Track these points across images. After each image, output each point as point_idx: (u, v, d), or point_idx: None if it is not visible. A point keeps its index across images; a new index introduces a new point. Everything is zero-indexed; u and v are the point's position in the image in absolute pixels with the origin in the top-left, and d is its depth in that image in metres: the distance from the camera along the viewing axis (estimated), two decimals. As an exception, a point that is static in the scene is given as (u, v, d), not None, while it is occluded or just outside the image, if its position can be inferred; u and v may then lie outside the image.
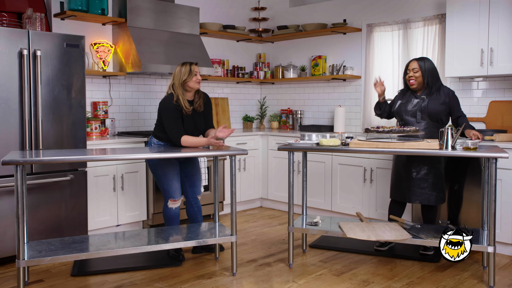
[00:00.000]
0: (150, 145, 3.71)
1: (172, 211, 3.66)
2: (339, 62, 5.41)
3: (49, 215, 3.73)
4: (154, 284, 3.23)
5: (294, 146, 3.52)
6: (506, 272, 3.47)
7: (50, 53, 3.70)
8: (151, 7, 4.76)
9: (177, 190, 3.65)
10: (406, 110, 3.73)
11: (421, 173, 3.61)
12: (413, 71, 3.70)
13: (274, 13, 6.11)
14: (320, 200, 4.98)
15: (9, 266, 3.57)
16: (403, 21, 4.83)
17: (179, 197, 3.67)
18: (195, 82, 3.56)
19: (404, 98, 3.80)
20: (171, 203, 3.65)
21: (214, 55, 5.68)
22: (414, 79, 3.70)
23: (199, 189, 3.87)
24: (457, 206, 3.96)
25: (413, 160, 3.64)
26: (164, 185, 3.63)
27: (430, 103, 3.65)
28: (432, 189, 3.61)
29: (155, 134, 3.70)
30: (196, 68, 3.58)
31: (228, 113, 5.85)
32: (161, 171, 3.60)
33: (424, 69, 3.67)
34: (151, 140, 3.72)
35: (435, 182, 3.62)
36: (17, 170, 2.81)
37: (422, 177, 3.61)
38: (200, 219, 3.89)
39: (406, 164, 3.67)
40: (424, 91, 3.71)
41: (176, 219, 3.70)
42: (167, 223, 3.72)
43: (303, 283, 3.25)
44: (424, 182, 3.61)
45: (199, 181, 3.87)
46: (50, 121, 3.73)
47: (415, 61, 3.72)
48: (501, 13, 3.96)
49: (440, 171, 3.65)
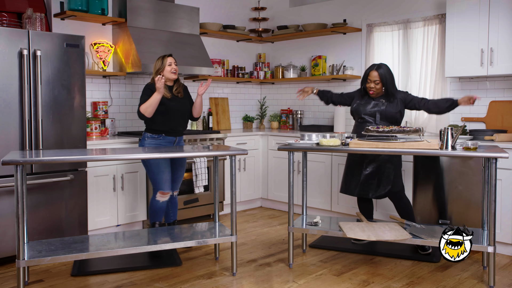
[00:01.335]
0: (144, 140, 3.81)
1: (159, 204, 3.75)
2: (339, 62, 5.41)
3: (49, 215, 3.73)
4: (154, 284, 3.23)
5: (294, 146, 3.52)
6: (506, 272, 3.47)
7: (50, 53, 3.70)
8: (151, 7, 4.76)
9: (167, 182, 3.73)
10: (365, 110, 3.86)
11: (368, 169, 3.76)
12: (374, 82, 3.77)
13: (274, 13, 6.11)
14: (320, 200, 4.98)
15: (9, 266, 3.57)
16: (403, 21, 4.83)
17: (168, 190, 3.74)
18: (170, 72, 3.76)
19: (363, 100, 3.91)
20: (159, 196, 3.73)
21: (214, 55, 5.68)
22: (374, 90, 3.80)
23: (178, 185, 3.97)
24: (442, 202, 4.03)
25: (366, 157, 3.77)
26: (154, 176, 3.72)
27: (388, 107, 3.78)
28: (378, 184, 3.74)
29: (147, 127, 3.83)
30: (170, 59, 3.79)
31: (228, 113, 5.85)
32: (153, 161, 3.70)
33: (385, 81, 3.76)
34: (144, 134, 3.82)
35: (384, 178, 3.73)
36: (17, 170, 2.81)
37: (370, 172, 3.75)
38: (173, 216, 3.97)
39: (360, 159, 3.82)
40: (382, 96, 3.83)
41: (161, 213, 3.80)
42: (152, 215, 3.79)
43: (303, 283, 3.25)
44: (372, 178, 3.75)
45: (180, 178, 3.98)
46: (50, 121, 3.73)
47: (375, 71, 3.77)
48: (501, 13, 3.96)
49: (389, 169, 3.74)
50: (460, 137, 4.00)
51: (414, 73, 4.77)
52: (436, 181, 4.05)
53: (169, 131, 3.81)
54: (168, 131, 3.81)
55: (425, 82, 4.68)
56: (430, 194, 4.09)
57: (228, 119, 5.85)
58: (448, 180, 3.99)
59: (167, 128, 3.80)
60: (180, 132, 3.93)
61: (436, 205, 4.06)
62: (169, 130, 3.81)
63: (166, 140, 3.81)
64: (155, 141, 3.79)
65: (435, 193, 4.07)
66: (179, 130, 3.89)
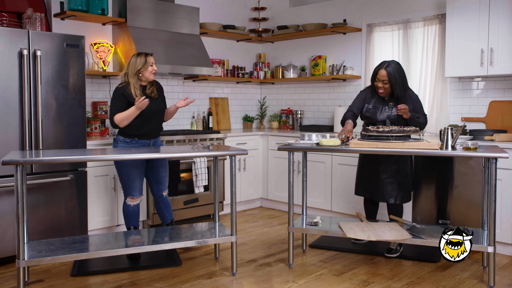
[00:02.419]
0: (116, 143, 3.70)
1: (131, 208, 3.72)
2: (339, 62, 5.41)
3: (49, 215, 3.73)
4: (154, 284, 3.23)
5: (294, 146, 3.52)
6: (506, 272, 3.47)
7: (50, 53, 3.70)
8: (151, 7, 4.76)
9: (136, 189, 3.68)
10: (376, 118, 3.78)
11: (388, 173, 3.72)
12: (382, 82, 3.70)
13: (274, 13, 6.11)
14: (320, 200, 4.98)
15: (9, 266, 3.57)
16: (403, 21, 4.82)
17: (138, 195, 3.70)
18: (150, 72, 3.63)
19: (371, 103, 3.82)
20: (129, 200, 3.71)
21: (214, 55, 5.68)
22: (383, 90, 3.73)
23: (164, 185, 3.88)
24: (442, 202, 4.04)
25: (381, 160, 3.73)
26: (125, 183, 3.67)
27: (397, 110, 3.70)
28: (398, 189, 3.73)
29: (120, 130, 3.68)
30: (152, 59, 3.64)
31: (228, 113, 5.85)
32: (123, 170, 3.63)
33: (394, 81, 3.65)
34: (117, 137, 3.71)
35: (401, 182, 3.72)
36: (17, 170, 2.81)
37: (389, 177, 3.72)
38: (168, 216, 3.92)
39: (375, 163, 3.77)
40: (392, 97, 3.77)
41: (134, 216, 3.74)
42: (126, 220, 3.77)
43: (303, 283, 3.25)
44: (391, 183, 3.72)
45: (165, 178, 3.87)
46: (50, 121, 3.73)
47: (384, 70, 3.66)
48: (501, 13, 3.96)
49: (406, 171, 3.74)
50: (460, 137, 4.00)
51: (414, 73, 4.76)
52: (436, 181, 4.05)
53: (142, 135, 3.67)
54: (141, 134, 3.66)
55: (425, 82, 4.68)
56: (430, 194, 4.10)
57: (228, 119, 5.85)
58: (448, 180, 3.99)
59: (140, 132, 3.65)
60: (155, 134, 3.78)
61: (436, 205, 4.06)
62: (142, 134, 3.67)
63: (139, 144, 3.67)
64: (127, 145, 3.65)
65: (435, 193, 4.07)
66: (153, 134, 3.75)
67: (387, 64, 3.68)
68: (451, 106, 4.58)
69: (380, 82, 3.70)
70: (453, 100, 4.58)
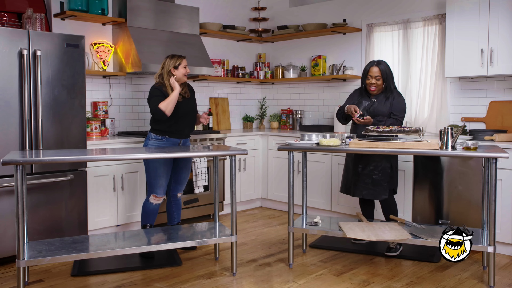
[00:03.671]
0: (148, 140, 3.79)
1: (152, 206, 3.76)
2: (339, 62, 5.41)
3: (49, 215, 3.73)
4: (154, 284, 3.23)
5: (294, 146, 3.52)
6: (506, 272, 3.47)
7: (50, 53, 3.70)
8: (151, 7, 4.76)
9: (161, 187, 3.73)
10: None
11: (367, 168, 3.73)
12: (375, 78, 3.75)
13: (274, 13, 6.11)
14: (320, 200, 4.98)
15: (9, 266, 3.57)
16: (403, 21, 4.82)
17: (161, 194, 3.75)
18: (183, 74, 3.74)
19: (356, 100, 3.89)
20: (153, 198, 3.74)
21: (214, 55, 5.68)
22: (375, 86, 3.77)
23: (182, 187, 3.95)
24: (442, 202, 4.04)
25: (363, 156, 3.75)
26: (151, 180, 3.72)
27: (379, 106, 3.75)
28: (372, 185, 3.72)
29: (152, 127, 3.80)
30: (185, 61, 3.75)
31: (228, 113, 5.85)
32: (152, 165, 3.69)
33: (386, 76, 3.75)
34: (148, 134, 3.81)
35: (378, 178, 3.71)
36: (17, 170, 2.81)
37: (367, 172, 3.72)
38: (177, 218, 3.96)
39: (355, 159, 3.80)
40: (380, 94, 3.80)
41: (153, 215, 3.79)
42: (144, 217, 3.79)
43: (303, 283, 3.25)
44: (368, 178, 3.72)
45: (185, 180, 3.94)
46: (50, 121, 3.73)
47: (376, 67, 3.75)
48: (501, 13, 3.96)
49: (385, 169, 3.71)
50: (460, 137, 4.00)
51: (414, 73, 4.77)
52: (436, 181, 4.05)
53: (173, 133, 3.77)
54: (172, 132, 3.76)
55: (425, 82, 4.68)
56: (430, 194, 4.10)
57: (228, 119, 5.85)
58: (448, 180, 3.99)
59: (172, 130, 3.75)
60: (186, 134, 3.87)
61: (436, 205, 4.06)
62: (174, 132, 3.77)
63: (170, 142, 3.78)
64: (158, 142, 3.76)
65: (435, 193, 4.07)
66: (184, 132, 3.84)
67: (377, 61, 3.79)
68: (451, 106, 4.58)
69: (373, 79, 3.76)
70: (453, 100, 4.58)
